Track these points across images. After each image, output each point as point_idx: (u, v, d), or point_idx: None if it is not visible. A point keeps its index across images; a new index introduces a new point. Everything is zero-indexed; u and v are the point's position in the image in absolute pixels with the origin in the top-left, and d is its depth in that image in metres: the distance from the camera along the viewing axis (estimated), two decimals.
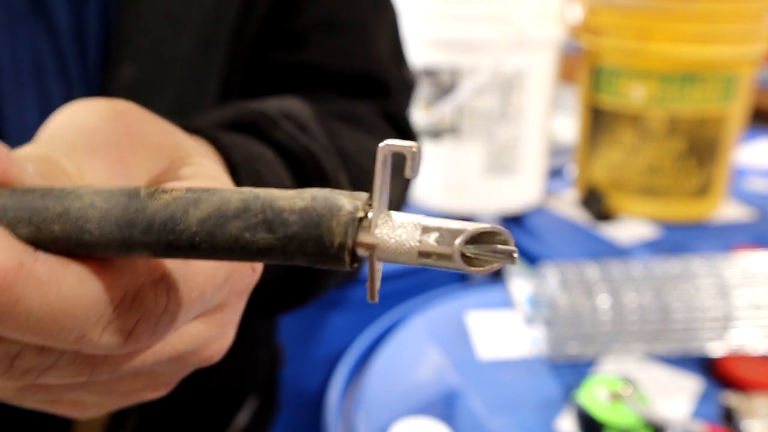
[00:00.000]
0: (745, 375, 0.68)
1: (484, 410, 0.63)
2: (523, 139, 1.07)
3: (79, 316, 0.19)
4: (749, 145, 1.52)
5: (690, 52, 0.96)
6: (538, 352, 0.74)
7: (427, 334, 0.77)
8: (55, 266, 0.18)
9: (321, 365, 0.97)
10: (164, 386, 0.26)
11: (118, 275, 0.20)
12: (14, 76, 0.40)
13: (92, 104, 0.25)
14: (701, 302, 0.70)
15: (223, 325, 0.25)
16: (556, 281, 0.70)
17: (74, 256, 0.19)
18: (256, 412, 0.62)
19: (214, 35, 0.43)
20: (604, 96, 1.05)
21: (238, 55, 0.46)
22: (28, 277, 0.18)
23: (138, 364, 0.22)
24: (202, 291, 0.22)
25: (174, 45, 0.43)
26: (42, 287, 0.18)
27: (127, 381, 0.24)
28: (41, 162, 0.21)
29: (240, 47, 0.45)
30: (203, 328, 0.24)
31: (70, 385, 0.23)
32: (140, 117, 0.26)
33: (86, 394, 0.24)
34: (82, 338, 0.19)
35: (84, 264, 0.19)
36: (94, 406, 0.26)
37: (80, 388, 0.24)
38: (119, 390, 0.25)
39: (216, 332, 0.25)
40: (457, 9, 0.99)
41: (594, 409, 0.60)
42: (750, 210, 1.13)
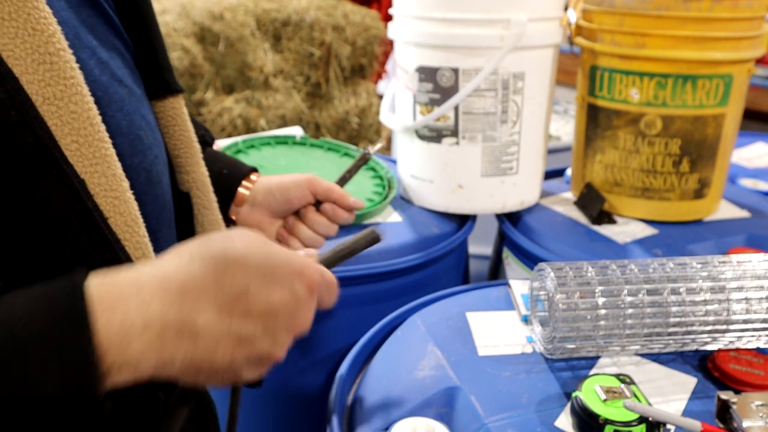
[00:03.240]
0: (740, 374, 0.68)
1: (484, 410, 0.64)
2: (522, 140, 1.08)
3: (335, 290, 0.50)
4: (745, 146, 1.53)
5: (686, 54, 0.96)
6: (537, 351, 0.74)
7: (427, 334, 0.78)
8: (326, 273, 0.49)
9: (321, 365, 0.98)
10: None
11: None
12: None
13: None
14: (697, 302, 0.71)
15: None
16: (555, 281, 0.70)
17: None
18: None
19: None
20: (601, 97, 1.06)
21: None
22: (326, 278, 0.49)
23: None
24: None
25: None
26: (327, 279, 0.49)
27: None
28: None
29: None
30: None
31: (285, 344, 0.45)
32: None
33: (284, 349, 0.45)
34: (332, 300, 0.50)
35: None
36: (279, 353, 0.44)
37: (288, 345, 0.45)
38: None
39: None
40: (457, 10, 0.99)
41: (592, 407, 0.61)
42: (746, 211, 1.14)
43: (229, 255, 0.41)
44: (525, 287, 0.84)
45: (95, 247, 0.42)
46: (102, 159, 0.43)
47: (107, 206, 0.43)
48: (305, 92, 2.78)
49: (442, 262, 1.06)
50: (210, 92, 2.57)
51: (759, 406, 0.61)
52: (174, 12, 2.53)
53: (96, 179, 0.42)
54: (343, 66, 2.80)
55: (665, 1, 0.95)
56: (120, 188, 0.44)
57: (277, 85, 2.69)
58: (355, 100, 2.85)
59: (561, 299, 0.69)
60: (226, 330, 0.40)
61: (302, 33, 2.70)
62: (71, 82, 0.41)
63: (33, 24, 0.39)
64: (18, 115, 0.38)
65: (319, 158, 1.21)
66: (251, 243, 0.43)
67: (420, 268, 1.01)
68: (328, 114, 2.81)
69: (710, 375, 0.71)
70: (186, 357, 0.39)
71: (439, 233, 1.07)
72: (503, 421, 0.63)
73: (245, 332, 0.41)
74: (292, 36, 2.71)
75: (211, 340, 0.39)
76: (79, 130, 0.41)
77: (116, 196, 0.44)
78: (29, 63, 0.39)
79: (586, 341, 0.70)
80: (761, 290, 0.72)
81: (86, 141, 0.42)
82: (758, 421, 0.59)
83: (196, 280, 0.39)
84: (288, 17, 2.69)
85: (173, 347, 0.38)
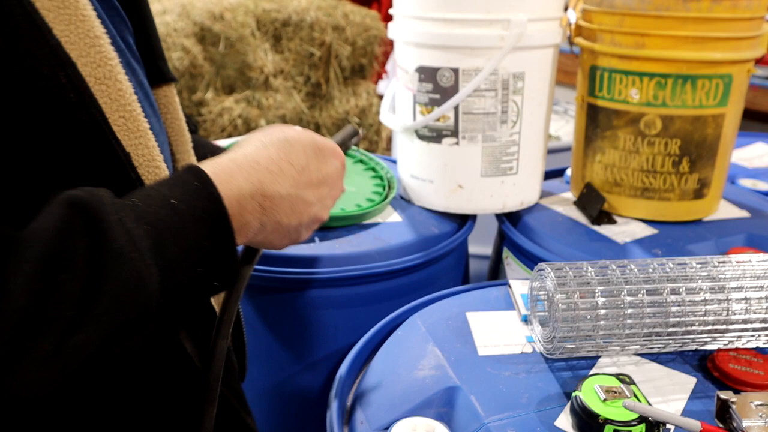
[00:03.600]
0: (739, 373, 0.69)
1: (484, 409, 0.64)
2: (522, 140, 1.08)
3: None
4: (745, 146, 1.53)
5: (685, 54, 0.97)
6: (537, 351, 0.75)
7: (427, 334, 0.78)
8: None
9: (321, 365, 0.98)
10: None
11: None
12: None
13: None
14: (697, 302, 0.71)
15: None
16: (554, 281, 0.70)
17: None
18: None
19: None
20: (601, 97, 1.06)
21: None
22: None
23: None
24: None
25: None
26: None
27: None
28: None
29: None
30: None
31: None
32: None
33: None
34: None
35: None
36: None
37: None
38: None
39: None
40: (457, 10, 0.99)
41: (592, 407, 0.61)
42: (745, 211, 1.14)
43: (290, 139, 0.52)
44: (525, 287, 0.84)
45: None
46: (143, 133, 0.47)
47: (147, 177, 0.48)
48: (305, 92, 2.79)
49: (442, 262, 1.07)
50: (210, 92, 2.57)
51: (758, 405, 0.61)
52: (174, 12, 2.53)
53: (138, 152, 0.46)
54: (343, 66, 2.81)
55: (665, 2, 0.95)
56: (157, 160, 0.49)
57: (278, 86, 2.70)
58: (355, 101, 2.85)
59: (561, 299, 0.69)
60: (298, 197, 0.51)
61: (302, 33, 2.70)
62: (114, 62, 0.45)
63: (81, 11, 0.43)
64: (76, 96, 0.42)
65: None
66: (299, 129, 0.54)
67: (420, 268, 1.01)
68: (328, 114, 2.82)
69: (710, 375, 0.71)
70: (272, 221, 0.49)
71: (439, 233, 1.08)
72: (503, 421, 0.63)
73: (308, 198, 0.52)
74: (292, 36, 2.72)
75: (289, 206, 0.50)
76: (124, 107, 0.45)
77: (155, 166, 0.48)
78: (82, 47, 0.43)
79: (586, 341, 0.70)
80: (760, 290, 0.72)
81: (131, 116, 0.46)
82: (758, 421, 0.59)
83: (273, 159, 0.50)
84: (288, 17, 2.69)
85: (266, 213, 0.48)
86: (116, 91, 0.44)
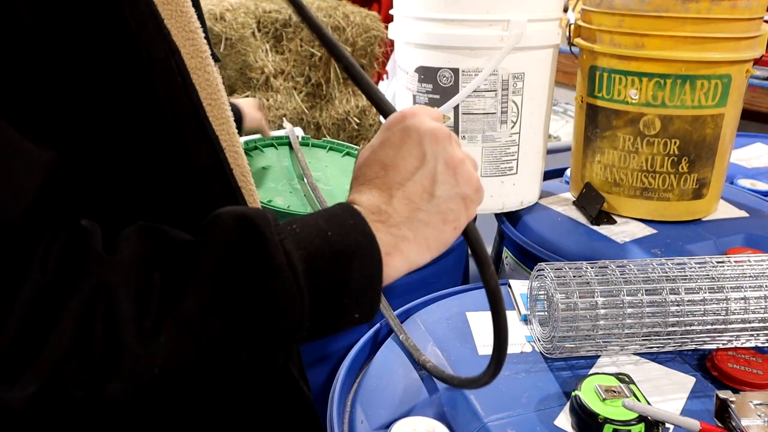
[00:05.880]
0: (738, 373, 0.69)
1: (484, 409, 0.64)
2: (522, 141, 1.08)
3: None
4: (744, 147, 1.53)
5: (684, 54, 0.97)
6: (537, 350, 0.75)
7: (427, 334, 0.78)
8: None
9: (321, 365, 0.98)
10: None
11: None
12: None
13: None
14: (696, 302, 0.71)
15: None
16: (554, 281, 0.71)
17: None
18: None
19: None
20: (600, 98, 1.06)
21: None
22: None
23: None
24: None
25: None
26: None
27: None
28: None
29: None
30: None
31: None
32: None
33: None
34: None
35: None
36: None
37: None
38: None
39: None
40: (457, 11, 1.00)
41: (591, 406, 0.61)
42: (744, 211, 1.14)
43: (437, 133, 0.49)
44: (524, 287, 0.84)
45: (224, 193, 0.50)
46: (226, 120, 0.50)
47: (231, 159, 0.50)
48: (306, 93, 2.79)
49: (442, 262, 1.07)
50: None
51: (757, 405, 0.61)
52: None
53: (223, 136, 0.49)
54: None
55: (664, 2, 0.95)
56: (237, 144, 0.51)
57: (278, 86, 2.70)
58: (356, 101, 2.85)
59: (560, 299, 0.69)
60: (455, 193, 0.49)
61: (303, 34, 2.71)
62: (206, 54, 0.48)
63: (181, 6, 0.46)
64: (182, 81, 0.45)
65: (321, 158, 1.21)
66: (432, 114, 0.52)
67: (420, 268, 1.01)
68: (328, 114, 2.82)
69: (709, 374, 0.71)
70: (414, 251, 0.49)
71: None
72: (503, 421, 0.63)
73: (461, 192, 0.49)
74: (292, 37, 2.72)
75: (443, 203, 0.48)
76: (212, 95, 0.48)
77: (235, 150, 0.51)
78: (180, 39, 0.46)
79: (586, 341, 0.71)
80: (759, 290, 0.72)
81: (216, 104, 0.49)
82: (757, 420, 0.59)
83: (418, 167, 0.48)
84: (288, 18, 2.69)
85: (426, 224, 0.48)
86: (205, 81, 0.48)
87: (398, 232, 0.47)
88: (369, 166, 0.49)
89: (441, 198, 0.48)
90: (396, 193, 0.48)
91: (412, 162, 0.48)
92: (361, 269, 0.44)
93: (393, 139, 0.49)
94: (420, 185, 0.48)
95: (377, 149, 0.49)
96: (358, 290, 0.44)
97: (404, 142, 0.48)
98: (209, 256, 0.40)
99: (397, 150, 0.48)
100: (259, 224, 0.41)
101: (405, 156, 0.48)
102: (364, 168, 0.49)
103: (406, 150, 0.48)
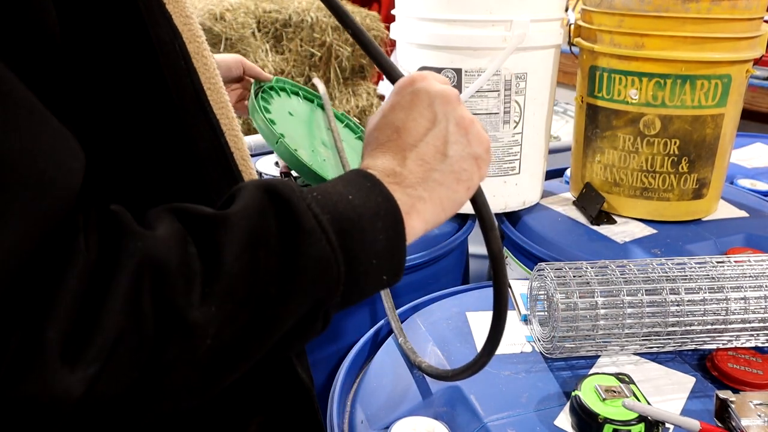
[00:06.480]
0: (738, 373, 0.69)
1: (484, 409, 0.64)
2: (524, 141, 1.08)
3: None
4: (744, 147, 1.53)
5: (684, 54, 0.97)
6: (537, 350, 0.75)
7: (427, 334, 0.78)
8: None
9: (321, 365, 0.98)
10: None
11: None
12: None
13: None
14: (696, 302, 0.71)
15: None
16: (554, 281, 0.71)
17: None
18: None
19: None
20: (600, 98, 1.06)
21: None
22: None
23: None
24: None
25: None
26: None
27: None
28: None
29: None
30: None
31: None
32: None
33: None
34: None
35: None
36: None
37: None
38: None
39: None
40: (460, 11, 1.00)
41: (591, 406, 0.61)
42: (744, 211, 1.14)
43: (447, 94, 0.50)
44: (524, 287, 0.84)
45: (225, 177, 0.50)
46: (225, 104, 0.50)
47: (231, 143, 0.50)
48: None
49: (442, 262, 1.07)
50: None
51: (757, 405, 0.61)
52: None
53: (223, 120, 0.50)
54: (344, 67, 2.81)
55: (664, 2, 0.95)
56: (236, 128, 0.51)
57: None
58: (356, 101, 2.85)
59: (560, 299, 0.69)
60: (467, 153, 0.49)
61: (303, 34, 2.71)
62: (201, 39, 0.48)
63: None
64: (185, 64, 0.46)
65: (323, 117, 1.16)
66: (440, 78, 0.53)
67: (420, 268, 1.02)
68: None
69: (709, 374, 0.71)
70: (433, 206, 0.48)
71: (439, 233, 1.08)
72: (503, 421, 0.63)
73: (473, 152, 0.49)
74: (292, 37, 2.72)
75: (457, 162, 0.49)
76: (210, 79, 0.49)
77: (235, 134, 0.51)
78: (180, 24, 0.46)
79: (586, 341, 0.71)
80: (759, 290, 0.72)
81: (215, 88, 0.49)
82: (756, 420, 0.59)
83: (431, 127, 0.49)
84: (288, 18, 2.69)
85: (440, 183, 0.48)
86: (204, 65, 0.48)
87: (414, 192, 0.47)
88: (380, 129, 0.49)
89: (454, 158, 0.48)
90: (409, 155, 0.48)
91: (423, 123, 0.48)
92: (385, 229, 0.44)
93: (403, 102, 0.49)
94: (432, 146, 0.48)
95: (388, 113, 0.50)
96: (385, 250, 0.45)
97: (414, 104, 0.49)
98: (241, 226, 0.40)
99: (408, 112, 0.49)
100: (285, 191, 0.42)
101: (416, 117, 0.49)
102: (375, 132, 0.50)
103: (417, 112, 0.49)
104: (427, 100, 0.49)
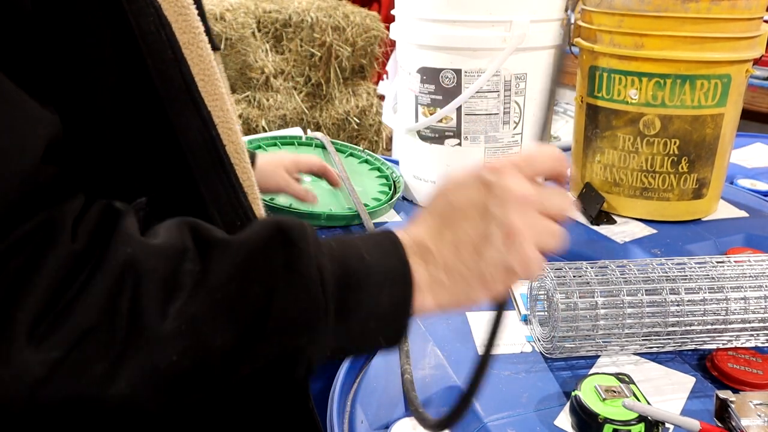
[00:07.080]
0: (738, 373, 0.69)
1: (484, 409, 0.64)
2: (524, 141, 1.08)
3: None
4: (744, 147, 1.53)
5: (684, 54, 0.97)
6: (536, 350, 0.75)
7: (427, 334, 0.78)
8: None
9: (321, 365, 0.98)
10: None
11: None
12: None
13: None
14: (696, 301, 0.71)
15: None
16: (554, 281, 0.71)
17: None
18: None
19: None
20: (600, 98, 1.06)
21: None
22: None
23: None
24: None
25: None
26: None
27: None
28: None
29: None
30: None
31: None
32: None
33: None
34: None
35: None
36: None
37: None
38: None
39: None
40: (460, 12, 1.00)
41: (591, 406, 0.61)
42: (744, 211, 1.14)
43: (522, 198, 0.49)
44: (524, 287, 0.85)
45: (215, 169, 0.49)
46: (219, 96, 0.50)
47: (224, 136, 0.50)
48: (306, 93, 2.79)
49: None
50: None
51: (757, 405, 0.61)
52: None
53: (216, 112, 0.49)
54: (344, 67, 2.81)
55: (664, 2, 0.95)
56: (231, 121, 0.51)
57: (278, 86, 2.70)
58: (356, 101, 2.85)
59: (560, 299, 0.69)
60: (501, 261, 0.47)
61: (303, 34, 2.71)
62: (198, 30, 0.48)
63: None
64: (172, 54, 0.45)
65: (324, 159, 1.21)
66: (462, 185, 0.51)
67: None
68: (328, 114, 2.82)
69: (709, 374, 0.71)
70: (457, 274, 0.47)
71: None
72: (503, 420, 0.63)
73: (508, 264, 0.47)
74: (292, 37, 2.72)
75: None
76: (204, 71, 0.48)
77: (229, 127, 0.51)
78: (172, 14, 0.46)
79: (586, 341, 0.71)
80: (759, 290, 0.72)
81: (209, 80, 0.49)
82: (757, 420, 0.59)
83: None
84: (289, 18, 2.69)
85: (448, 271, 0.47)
86: (198, 56, 0.48)
87: (435, 273, 0.46)
88: (442, 196, 0.51)
89: (487, 261, 0.47)
90: (446, 234, 0.47)
91: (473, 213, 0.48)
92: (391, 294, 0.44)
93: (476, 183, 0.49)
94: (471, 238, 0.47)
95: (459, 186, 0.50)
96: (386, 315, 0.44)
97: (480, 191, 0.48)
98: (239, 255, 0.40)
99: (468, 194, 0.49)
100: (296, 234, 0.42)
101: (474, 203, 0.48)
102: (438, 197, 0.51)
103: (478, 198, 0.48)
104: (497, 193, 0.47)
